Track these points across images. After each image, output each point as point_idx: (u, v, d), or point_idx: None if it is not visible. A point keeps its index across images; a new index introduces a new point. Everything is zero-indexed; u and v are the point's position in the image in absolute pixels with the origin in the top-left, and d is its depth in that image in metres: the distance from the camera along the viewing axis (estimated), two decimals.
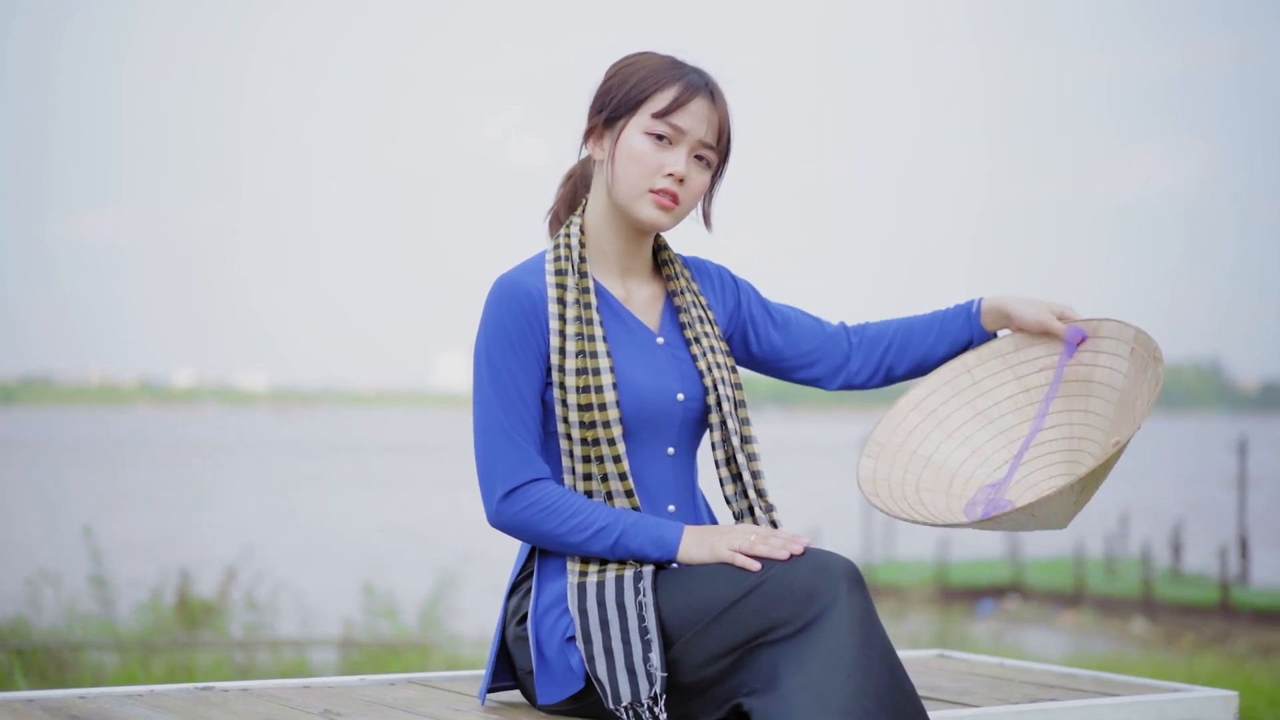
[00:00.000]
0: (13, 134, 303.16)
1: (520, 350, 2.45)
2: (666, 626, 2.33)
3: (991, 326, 2.74)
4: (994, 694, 2.82)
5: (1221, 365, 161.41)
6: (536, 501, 2.42)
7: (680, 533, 2.40)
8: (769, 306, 2.73)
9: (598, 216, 2.57)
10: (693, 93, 2.49)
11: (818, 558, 2.29)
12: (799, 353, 2.73)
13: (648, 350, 2.53)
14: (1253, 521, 23.17)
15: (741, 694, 2.27)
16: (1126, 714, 2.74)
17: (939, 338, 2.74)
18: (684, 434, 2.53)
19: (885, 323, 2.78)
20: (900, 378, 2.77)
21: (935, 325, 2.75)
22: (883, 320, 2.79)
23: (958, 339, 2.75)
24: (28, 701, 2.58)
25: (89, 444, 75.26)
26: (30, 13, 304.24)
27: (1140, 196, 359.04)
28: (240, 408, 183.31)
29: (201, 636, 8.98)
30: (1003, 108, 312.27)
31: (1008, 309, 2.72)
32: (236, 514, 32.29)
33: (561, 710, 2.45)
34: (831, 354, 2.74)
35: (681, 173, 2.49)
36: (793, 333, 2.73)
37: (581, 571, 2.41)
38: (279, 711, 2.52)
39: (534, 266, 2.52)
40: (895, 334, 2.75)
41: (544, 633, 2.41)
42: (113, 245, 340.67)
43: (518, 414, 2.44)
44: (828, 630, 2.21)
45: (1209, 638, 16.39)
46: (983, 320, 2.74)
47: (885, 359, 2.75)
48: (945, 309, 2.78)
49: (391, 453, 70.83)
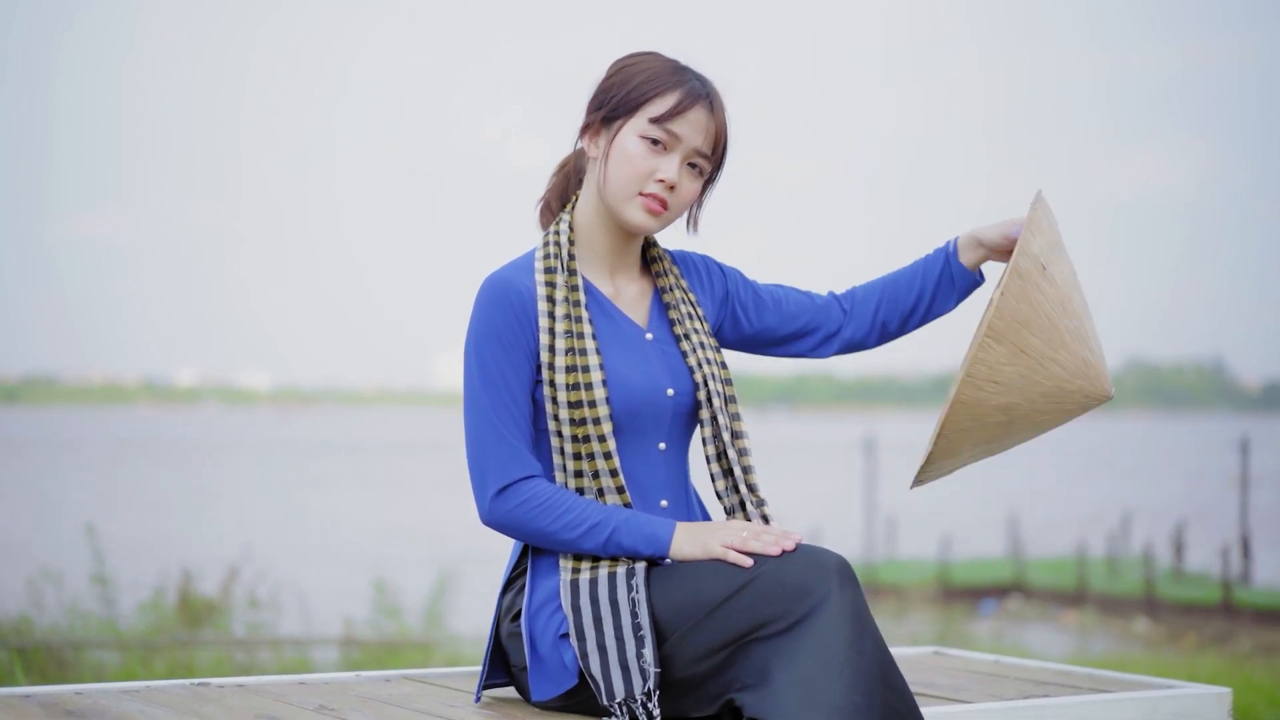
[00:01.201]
0: (13, 134, 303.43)
1: (510, 348, 2.46)
2: (659, 623, 2.33)
3: (970, 261, 2.72)
4: (988, 690, 2.83)
5: (1224, 365, 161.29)
6: (529, 499, 2.43)
7: (672, 529, 2.41)
8: (757, 288, 2.74)
9: (588, 213, 2.57)
10: (692, 100, 2.49)
11: (810, 553, 2.30)
12: (793, 328, 2.74)
13: (637, 346, 2.53)
14: (1255, 521, 23.19)
15: (734, 689, 2.28)
16: (1120, 710, 2.74)
17: (924, 284, 2.73)
18: (675, 429, 2.53)
19: (871, 282, 2.78)
20: (895, 333, 2.78)
21: (919, 274, 2.75)
22: (868, 281, 2.79)
23: (940, 281, 2.73)
24: (24, 697, 2.59)
25: (91, 443, 75.33)
26: (30, 12, 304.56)
27: (1140, 196, 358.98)
28: (242, 407, 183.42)
29: (203, 635, 9.00)
30: (1003, 107, 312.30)
31: (978, 235, 2.71)
32: (238, 513, 32.34)
33: (556, 706, 2.46)
34: (825, 324, 2.75)
35: (673, 180, 2.49)
36: (784, 309, 2.73)
37: (574, 568, 2.42)
38: (274, 707, 2.53)
39: (524, 264, 2.53)
40: (884, 291, 2.75)
41: (538, 629, 2.42)
42: (113, 245, 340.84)
43: (509, 412, 2.45)
44: (820, 626, 2.22)
45: (1211, 637, 16.40)
46: (961, 258, 2.72)
47: (879, 317, 2.75)
48: (926, 255, 2.77)
49: (392, 452, 70.86)
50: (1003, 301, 2.46)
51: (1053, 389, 2.53)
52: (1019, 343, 2.48)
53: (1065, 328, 2.52)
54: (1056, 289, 2.51)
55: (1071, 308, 2.53)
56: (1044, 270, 2.49)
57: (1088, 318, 2.57)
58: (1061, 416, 2.60)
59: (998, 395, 2.51)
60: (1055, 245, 2.55)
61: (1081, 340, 2.54)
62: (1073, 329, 2.52)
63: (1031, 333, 2.49)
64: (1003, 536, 25.44)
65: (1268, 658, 12.74)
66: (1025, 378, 2.51)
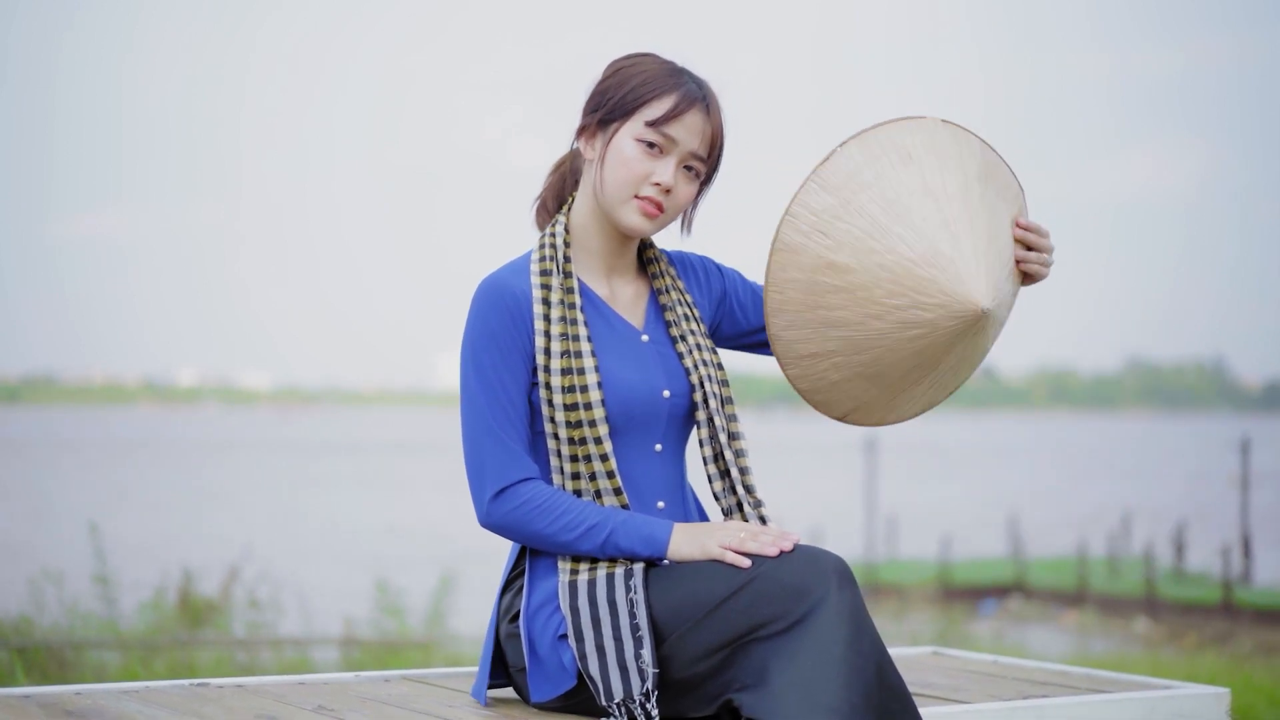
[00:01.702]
0: (13, 134, 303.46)
1: (507, 351, 2.46)
2: (658, 623, 2.34)
3: None
4: (986, 690, 2.83)
5: (1224, 364, 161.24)
6: (527, 501, 2.43)
7: (670, 530, 2.41)
8: (755, 288, 2.73)
9: (584, 215, 2.57)
10: (689, 104, 2.49)
11: (808, 554, 2.30)
12: None
13: (632, 348, 2.54)
14: (1255, 521, 23.20)
15: (733, 690, 2.29)
16: (1118, 710, 2.75)
17: None
18: (671, 430, 2.54)
19: None
20: None
21: None
22: None
23: None
24: (24, 697, 2.59)
25: (92, 443, 75.32)
26: (30, 12, 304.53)
27: (1141, 196, 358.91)
28: (242, 407, 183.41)
29: (203, 635, 9.00)
30: (1003, 107, 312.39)
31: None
32: (239, 513, 32.34)
33: (554, 707, 2.46)
34: None
35: (669, 183, 2.49)
36: None
37: (573, 570, 2.42)
38: (273, 707, 2.53)
39: (519, 267, 2.53)
40: None
41: (536, 630, 2.43)
42: (114, 245, 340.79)
43: (506, 414, 2.45)
44: (817, 627, 2.22)
45: (1211, 637, 16.39)
46: None
47: None
48: None
49: (392, 452, 70.86)
50: (842, 151, 2.35)
51: (895, 265, 2.33)
52: (854, 203, 2.34)
53: (922, 210, 2.34)
54: (923, 177, 2.35)
55: (942, 200, 2.34)
56: (910, 158, 2.37)
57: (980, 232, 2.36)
58: (923, 316, 2.35)
59: (827, 250, 2.37)
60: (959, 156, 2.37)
61: (949, 234, 2.34)
62: (935, 218, 2.34)
63: (871, 198, 2.35)
64: (1003, 536, 25.43)
65: (1268, 658, 12.73)
66: (859, 241, 2.35)
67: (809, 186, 2.41)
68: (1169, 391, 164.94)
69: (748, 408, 13.50)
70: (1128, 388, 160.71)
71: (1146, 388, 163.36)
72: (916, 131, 2.43)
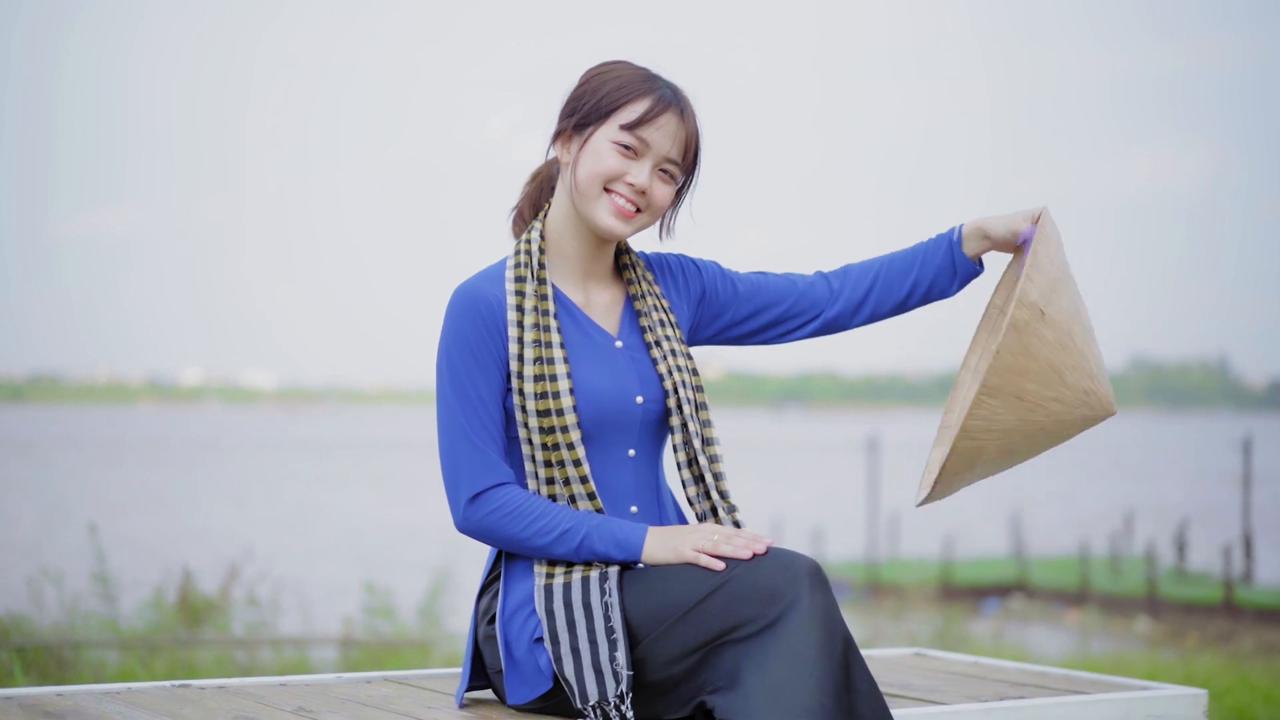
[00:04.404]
0: (17, 131, 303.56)
1: (481, 358, 2.48)
2: (632, 626, 2.35)
3: (973, 251, 2.69)
4: (964, 692, 2.84)
5: (1228, 364, 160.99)
6: (501, 506, 2.45)
7: (644, 534, 2.43)
8: (735, 279, 2.73)
9: (559, 220, 2.59)
10: (663, 108, 2.51)
11: (781, 557, 2.32)
12: (773, 316, 2.72)
13: (606, 355, 2.55)
14: (1257, 520, 23.17)
15: (706, 692, 2.31)
16: (1095, 711, 2.76)
17: (923, 270, 2.70)
18: (645, 436, 2.55)
19: (867, 262, 2.74)
20: (885, 315, 2.74)
21: (918, 259, 2.71)
22: (865, 260, 2.75)
23: (940, 269, 2.70)
24: (4, 699, 2.61)
25: (95, 442, 75.40)
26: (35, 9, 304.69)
27: (1144, 195, 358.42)
28: (246, 406, 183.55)
29: (203, 634, 9.01)
30: (1006, 105, 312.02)
31: (984, 227, 2.67)
32: (242, 512, 32.38)
33: (532, 709, 2.48)
34: (808, 308, 2.72)
35: (643, 185, 2.51)
36: (763, 298, 2.72)
37: (548, 573, 2.44)
38: (252, 709, 2.55)
39: (494, 274, 2.55)
40: (879, 273, 2.72)
41: (512, 633, 2.44)
42: (117, 243, 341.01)
43: (480, 420, 2.47)
44: (790, 629, 2.24)
45: (1213, 636, 16.38)
46: (965, 247, 2.69)
47: (871, 298, 2.72)
48: (926, 240, 2.73)
49: (398, 450, 70.88)
50: (998, 359, 2.42)
51: (1052, 423, 2.50)
52: (1016, 391, 2.44)
53: (1065, 366, 2.47)
54: (1056, 330, 2.45)
55: (1072, 342, 2.47)
56: (1043, 315, 2.43)
57: (1089, 342, 2.51)
58: (1062, 439, 2.56)
59: (995, 440, 2.48)
60: (1056, 280, 2.47)
61: (1082, 371, 2.49)
62: (1073, 364, 2.47)
63: (1029, 380, 2.45)
64: (1005, 536, 25.44)
65: (1269, 657, 12.73)
66: (1023, 419, 2.48)
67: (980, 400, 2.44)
68: (1172, 390, 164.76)
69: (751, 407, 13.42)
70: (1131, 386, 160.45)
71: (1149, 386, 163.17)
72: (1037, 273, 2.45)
